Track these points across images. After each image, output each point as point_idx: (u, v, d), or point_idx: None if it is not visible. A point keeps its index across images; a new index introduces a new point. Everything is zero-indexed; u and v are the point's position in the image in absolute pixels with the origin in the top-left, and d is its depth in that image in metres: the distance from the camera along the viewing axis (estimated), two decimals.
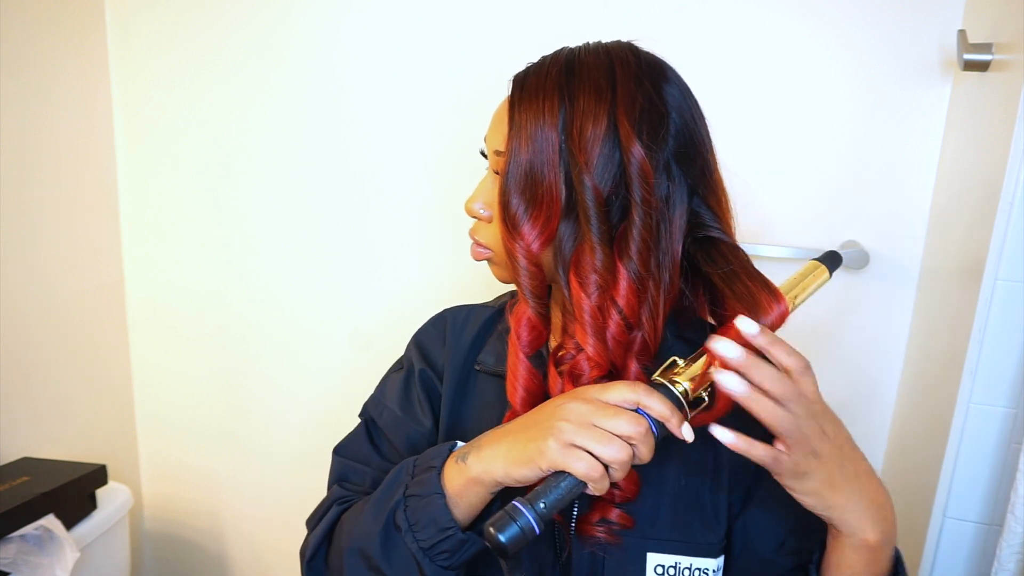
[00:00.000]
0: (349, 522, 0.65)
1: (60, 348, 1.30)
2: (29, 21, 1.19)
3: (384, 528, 0.59)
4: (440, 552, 0.57)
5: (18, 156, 1.19)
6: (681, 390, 0.54)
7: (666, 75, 0.63)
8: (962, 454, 0.86)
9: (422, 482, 0.59)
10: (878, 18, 1.03)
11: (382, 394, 0.77)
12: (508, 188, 0.61)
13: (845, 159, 1.08)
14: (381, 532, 0.59)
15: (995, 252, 0.81)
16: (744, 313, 0.54)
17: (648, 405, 0.52)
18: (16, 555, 0.99)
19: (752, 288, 0.58)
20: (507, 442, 0.56)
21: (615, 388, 0.54)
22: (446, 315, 0.78)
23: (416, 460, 0.62)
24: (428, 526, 0.57)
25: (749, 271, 0.60)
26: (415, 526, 0.57)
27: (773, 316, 0.56)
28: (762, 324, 0.52)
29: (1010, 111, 0.80)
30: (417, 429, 0.73)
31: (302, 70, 1.27)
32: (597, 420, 0.52)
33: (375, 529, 0.60)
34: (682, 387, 0.55)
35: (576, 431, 0.52)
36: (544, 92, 0.61)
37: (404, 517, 0.58)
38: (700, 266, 0.62)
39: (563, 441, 0.52)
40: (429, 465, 0.60)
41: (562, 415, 0.53)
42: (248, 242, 1.36)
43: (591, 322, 0.59)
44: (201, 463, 1.48)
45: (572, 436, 0.52)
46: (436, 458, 0.60)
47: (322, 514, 0.69)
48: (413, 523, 0.58)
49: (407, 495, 0.59)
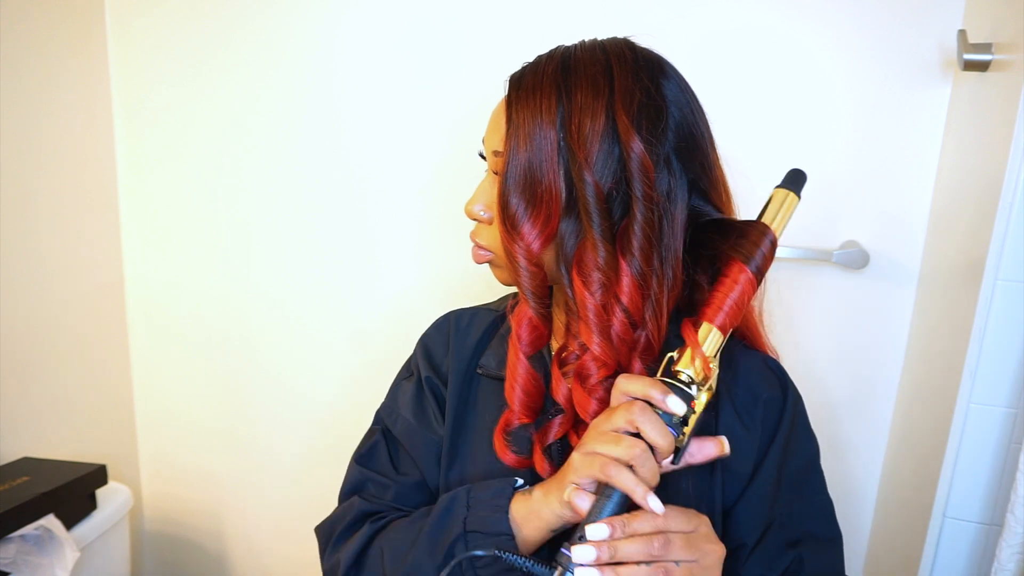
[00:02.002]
0: (392, 549, 0.64)
1: (60, 348, 1.30)
2: (29, 21, 1.19)
3: (444, 563, 0.59)
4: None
5: (18, 156, 1.19)
6: (686, 379, 0.56)
7: (664, 70, 0.63)
8: (962, 454, 0.86)
9: (486, 520, 0.59)
10: (878, 18, 1.03)
11: (395, 401, 0.76)
12: (507, 188, 0.61)
13: (845, 159, 1.08)
14: (440, 566, 0.59)
15: (995, 252, 0.81)
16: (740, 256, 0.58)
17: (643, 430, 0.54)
18: (16, 555, 0.99)
19: (744, 231, 0.60)
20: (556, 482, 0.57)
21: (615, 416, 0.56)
22: (450, 318, 0.77)
23: (471, 491, 0.63)
24: (492, 564, 0.58)
25: (737, 224, 0.62)
26: (478, 562, 0.58)
27: (765, 248, 0.59)
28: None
29: (1010, 111, 0.80)
30: (433, 439, 0.72)
31: (302, 70, 1.27)
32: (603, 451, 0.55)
33: (431, 563, 0.60)
34: (686, 375, 0.56)
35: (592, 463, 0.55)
36: (541, 90, 0.60)
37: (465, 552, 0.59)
38: (704, 243, 0.63)
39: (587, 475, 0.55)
40: (496, 504, 0.60)
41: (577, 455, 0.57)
42: (248, 242, 1.36)
43: (596, 321, 0.59)
44: (201, 463, 1.48)
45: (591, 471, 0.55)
46: (501, 496, 0.61)
47: (348, 528, 0.69)
48: (480, 566, 0.58)
49: (468, 531, 0.59)
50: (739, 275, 0.59)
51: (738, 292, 0.58)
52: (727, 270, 0.59)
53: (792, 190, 0.63)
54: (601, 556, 0.52)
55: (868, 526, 1.17)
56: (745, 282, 0.59)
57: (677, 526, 0.54)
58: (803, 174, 0.65)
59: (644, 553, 0.52)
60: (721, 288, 0.59)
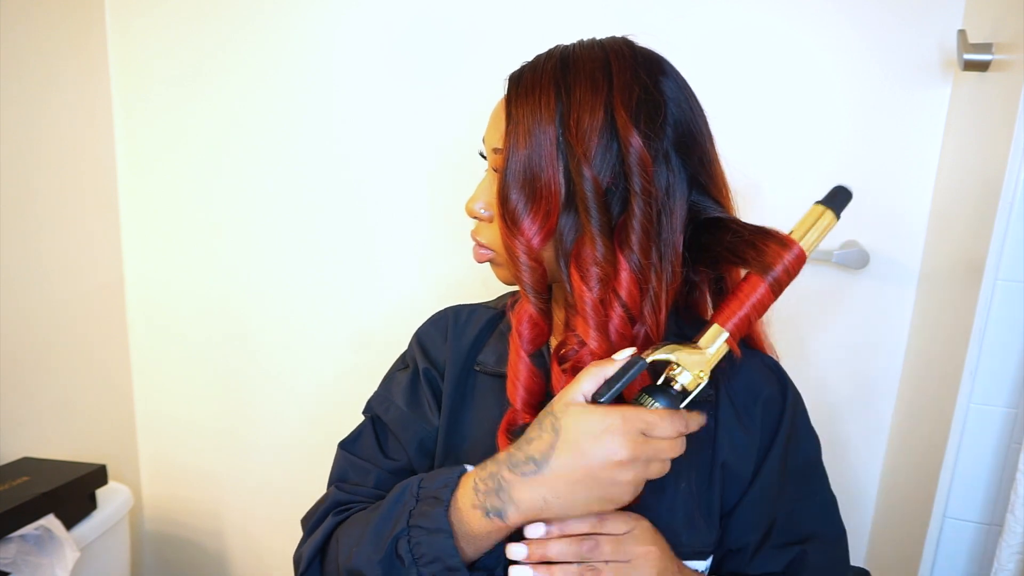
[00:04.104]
0: (347, 538, 0.63)
1: (60, 348, 1.30)
2: (29, 21, 1.19)
3: (386, 558, 0.57)
4: None
5: (18, 155, 1.19)
6: (679, 388, 0.57)
7: (662, 67, 0.63)
8: (962, 454, 0.86)
9: (427, 515, 0.57)
10: (878, 18, 1.03)
11: (388, 391, 0.75)
12: (507, 184, 0.61)
13: (845, 159, 1.08)
14: (383, 562, 0.57)
15: (995, 252, 0.81)
16: (758, 272, 0.57)
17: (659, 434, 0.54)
18: (16, 555, 0.99)
19: (759, 245, 0.58)
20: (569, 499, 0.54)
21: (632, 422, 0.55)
22: (448, 313, 0.78)
23: (420, 483, 0.60)
24: (434, 562, 0.56)
25: (753, 231, 0.60)
26: (420, 559, 0.56)
27: (788, 261, 0.57)
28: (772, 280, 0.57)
29: (1010, 111, 0.80)
30: (425, 427, 0.72)
31: (302, 70, 1.27)
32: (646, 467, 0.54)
33: (376, 557, 0.58)
34: (680, 384, 0.57)
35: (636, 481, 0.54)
36: (540, 87, 0.60)
37: (408, 549, 0.57)
38: (705, 246, 0.62)
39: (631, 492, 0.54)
40: (434, 496, 0.58)
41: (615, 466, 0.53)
42: (248, 242, 1.36)
43: (593, 315, 0.59)
44: (201, 463, 1.48)
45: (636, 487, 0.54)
46: (443, 490, 0.58)
47: (317, 521, 0.68)
48: (418, 556, 0.56)
49: (411, 525, 0.57)
50: (755, 287, 0.58)
51: (751, 304, 0.58)
52: (744, 283, 0.59)
53: (831, 207, 0.61)
54: (533, 554, 0.55)
55: (868, 526, 1.17)
56: (763, 294, 0.58)
57: (611, 528, 0.56)
58: (846, 192, 0.62)
59: (573, 553, 0.54)
60: (735, 298, 0.58)
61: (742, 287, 0.59)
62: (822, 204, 0.61)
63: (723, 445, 0.65)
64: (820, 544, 0.65)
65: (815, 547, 0.65)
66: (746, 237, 0.60)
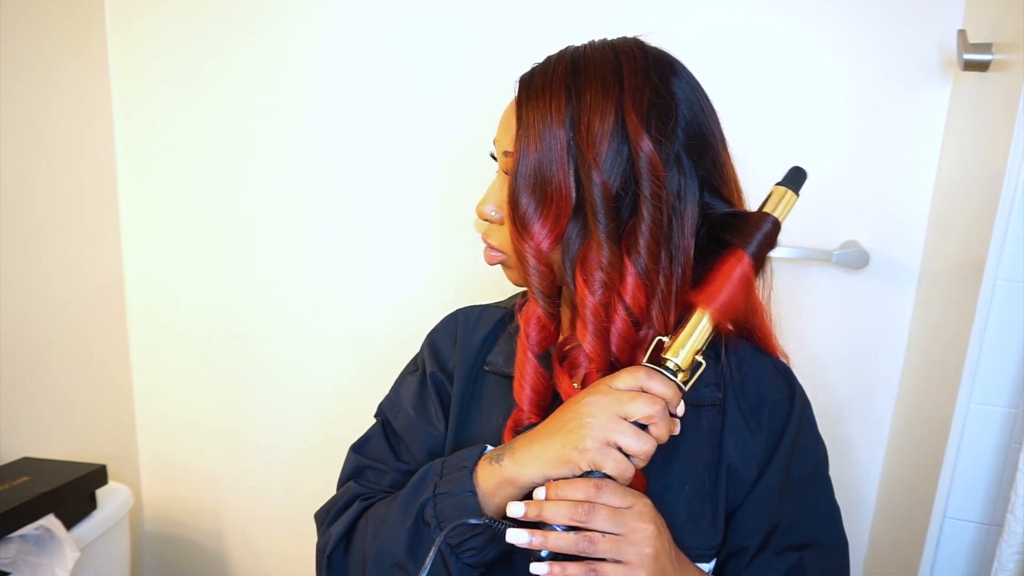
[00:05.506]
0: (375, 520, 0.65)
1: (60, 348, 1.30)
2: (29, 21, 1.19)
3: (413, 525, 0.60)
4: (467, 549, 0.58)
5: (18, 156, 1.19)
6: (673, 366, 0.57)
7: (674, 68, 0.62)
8: (962, 454, 0.86)
9: (453, 480, 0.60)
10: (878, 18, 1.03)
11: (397, 395, 0.77)
12: (517, 187, 0.61)
13: (845, 159, 1.08)
14: (409, 529, 0.60)
15: (995, 252, 0.81)
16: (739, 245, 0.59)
17: (650, 388, 0.55)
18: (16, 555, 0.99)
19: (735, 224, 0.61)
20: (542, 444, 0.57)
21: (621, 377, 0.57)
22: (458, 315, 0.78)
23: (445, 461, 0.63)
24: (458, 523, 0.58)
25: (727, 214, 0.63)
26: (444, 523, 0.58)
27: (766, 229, 0.60)
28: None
29: (1010, 111, 0.80)
30: (432, 433, 0.72)
31: (302, 70, 1.27)
32: (621, 409, 0.55)
33: (403, 526, 0.60)
34: (673, 363, 0.57)
35: (607, 426, 0.55)
36: (551, 90, 0.60)
37: (433, 514, 0.59)
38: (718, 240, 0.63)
39: (601, 440, 0.55)
40: (461, 465, 0.61)
41: (588, 412, 0.55)
42: (248, 242, 1.36)
43: (593, 319, 0.59)
44: (201, 463, 1.48)
45: (606, 433, 0.55)
46: (468, 459, 0.61)
47: (341, 509, 0.69)
48: (442, 519, 0.58)
49: (437, 493, 0.60)
50: (737, 260, 0.59)
51: (737, 277, 0.59)
52: (725, 255, 0.60)
53: (791, 188, 0.63)
54: (528, 514, 0.55)
55: (868, 526, 1.17)
56: (745, 266, 0.59)
57: (608, 500, 0.55)
58: (803, 172, 0.65)
59: (567, 517, 0.54)
60: (718, 273, 0.59)
61: (726, 260, 0.60)
62: (783, 185, 0.64)
63: (729, 447, 0.64)
64: (819, 552, 0.65)
65: (814, 555, 0.64)
66: (720, 221, 0.62)
